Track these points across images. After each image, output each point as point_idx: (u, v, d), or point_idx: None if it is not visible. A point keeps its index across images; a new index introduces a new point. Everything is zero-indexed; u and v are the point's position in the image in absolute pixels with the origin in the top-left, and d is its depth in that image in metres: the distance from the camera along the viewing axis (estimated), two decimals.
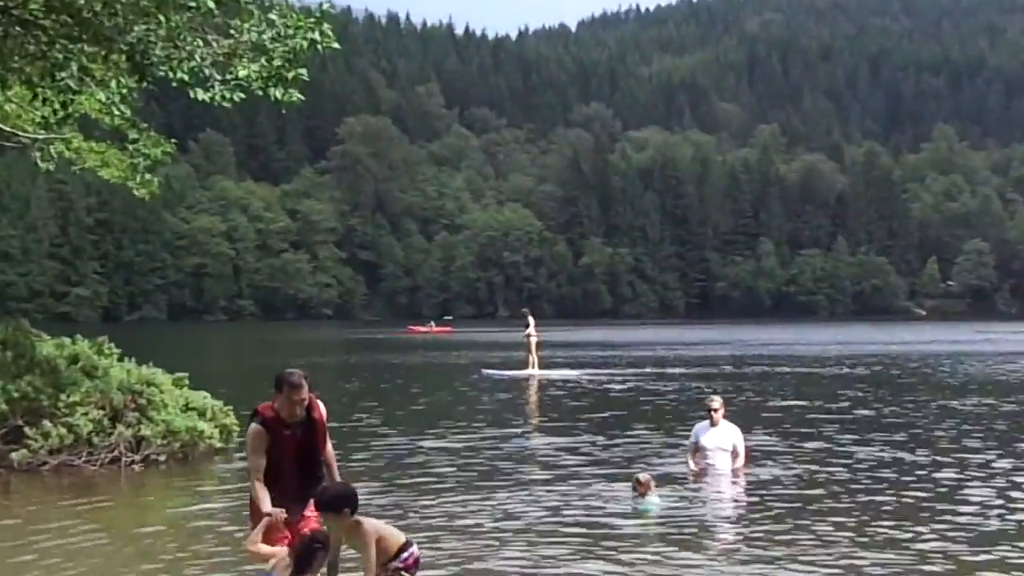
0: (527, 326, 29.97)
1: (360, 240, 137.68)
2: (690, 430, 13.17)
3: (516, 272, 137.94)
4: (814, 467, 12.78)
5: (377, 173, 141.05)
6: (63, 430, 12.68)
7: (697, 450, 12.42)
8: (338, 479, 6.74)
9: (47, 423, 12.70)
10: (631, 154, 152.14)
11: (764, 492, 11.18)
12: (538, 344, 30.28)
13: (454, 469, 12.79)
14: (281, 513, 6.46)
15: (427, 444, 15.01)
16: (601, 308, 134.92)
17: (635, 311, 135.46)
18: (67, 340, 13.96)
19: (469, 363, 35.26)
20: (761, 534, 9.15)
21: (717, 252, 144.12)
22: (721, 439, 12.33)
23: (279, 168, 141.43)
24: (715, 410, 12.28)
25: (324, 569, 6.23)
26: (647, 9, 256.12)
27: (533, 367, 29.37)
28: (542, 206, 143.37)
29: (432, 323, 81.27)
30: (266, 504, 6.48)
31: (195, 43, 9.86)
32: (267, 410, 6.61)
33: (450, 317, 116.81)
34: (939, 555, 8.32)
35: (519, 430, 16.79)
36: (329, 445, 6.79)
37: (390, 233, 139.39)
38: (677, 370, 30.89)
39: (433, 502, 10.61)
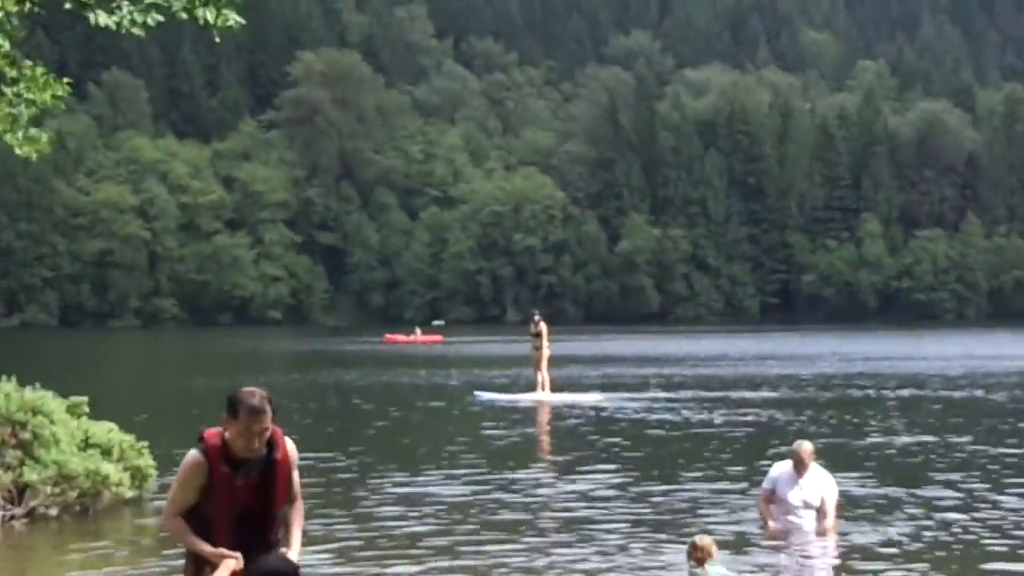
0: (538, 335, 29.94)
1: (320, 218, 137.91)
2: (761, 476, 13.18)
3: (530, 261, 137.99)
4: (934, 524, 12.79)
5: (343, 127, 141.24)
6: None
7: (774, 501, 12.47)
8: (296, 545, 6.61)
9: None
10: (686, 101, 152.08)
11: (867, 559, 11.19)
12: (550, 359, 30.30)
13: (440, 526, 12.81)
14: (239, 560, 6.31)
15: (404, 492, 15.04)
16: (646, 310, 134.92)
17: (692, 314, 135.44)
18: None
19: (462, 384, 35.28)
20: None
21: (803, 234, 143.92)
22: (809, 491, 12.39)
23: (210, 120, 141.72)
24: (803, 460, 12.33)
25: None
26: None
27: (543, 389, 29.44)
28: (566, 172, 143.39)
29: (417, 330, 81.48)
30: (205, 545, 6.32)
31: None
32: (214, 438, 6.40)
33: (440, 322, 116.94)
34: None
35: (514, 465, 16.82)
36: (300, 501, 6.70)
37: (360, 208, 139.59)
38: (745, 394, 30.87)
39: (413, 569, 10.63)
